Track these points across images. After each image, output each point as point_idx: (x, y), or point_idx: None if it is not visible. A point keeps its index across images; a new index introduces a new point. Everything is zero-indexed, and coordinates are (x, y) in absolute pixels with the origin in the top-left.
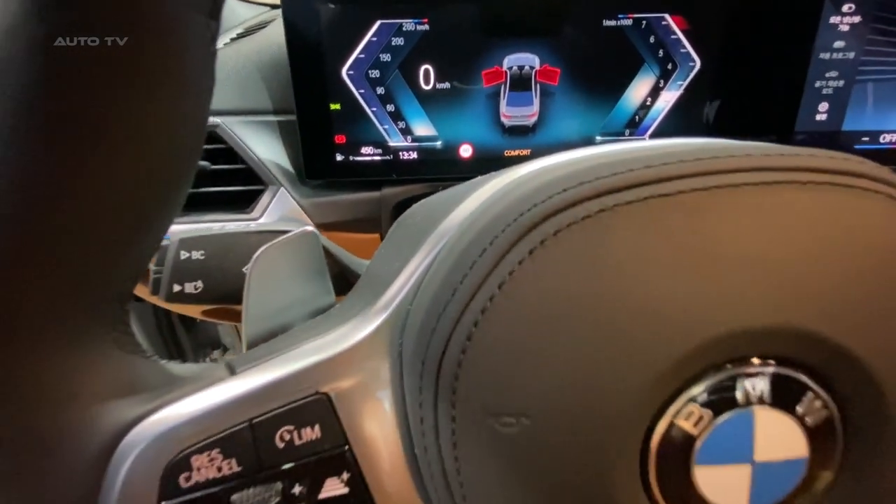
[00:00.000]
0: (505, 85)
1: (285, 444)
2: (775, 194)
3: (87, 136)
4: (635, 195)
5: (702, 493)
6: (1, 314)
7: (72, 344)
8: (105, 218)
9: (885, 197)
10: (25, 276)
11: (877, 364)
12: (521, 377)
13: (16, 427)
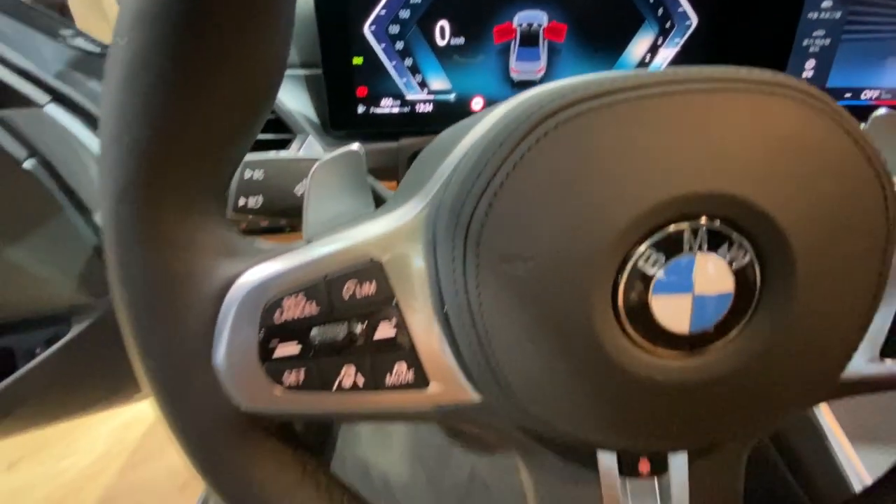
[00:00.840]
0: (515, 41)
1: (350, 295)
2: (716, 96)
3: (216, 66)
4: (611, 100)
5: (655, 317)
6: (156, 189)
7: (199, 213)
8: (223, 126)
9: (799, 100)
10: (172, 165)
11: (785, 222)
12: (527, 232)
13: (160, 269)
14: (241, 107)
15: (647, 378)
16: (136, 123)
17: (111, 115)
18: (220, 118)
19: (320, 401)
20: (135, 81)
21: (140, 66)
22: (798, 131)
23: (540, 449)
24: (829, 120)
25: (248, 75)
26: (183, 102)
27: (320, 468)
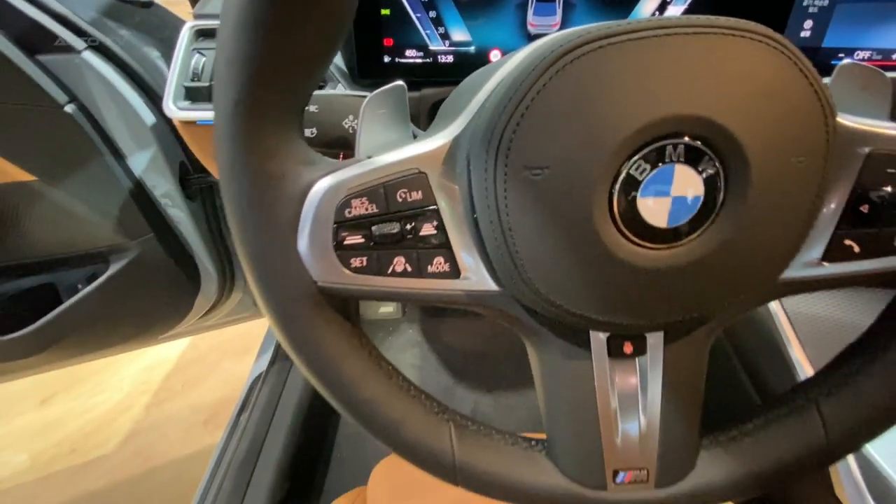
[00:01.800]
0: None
1: (402, 200)
2: (696, 38)
3: (306, 12)
4: (615, 41)
5: (642, 215)
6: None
7: (287, 129)
8: (308, 58)
9: (763, 43)
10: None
11: (745, 140)
12: (546, 145)
13: (260, 171)
14: (322, 43)
15: (634, 264)
16: (245, 55)
17: (226, 46)
18: (307, 52)
19: (377, 282)
20: (246, 24)
21: (250, 11)
22: (760, 67)
23: (545, 332)
24: (785, 59)
25: (327, 19)
26: (282, 40)
27: (370, 343)
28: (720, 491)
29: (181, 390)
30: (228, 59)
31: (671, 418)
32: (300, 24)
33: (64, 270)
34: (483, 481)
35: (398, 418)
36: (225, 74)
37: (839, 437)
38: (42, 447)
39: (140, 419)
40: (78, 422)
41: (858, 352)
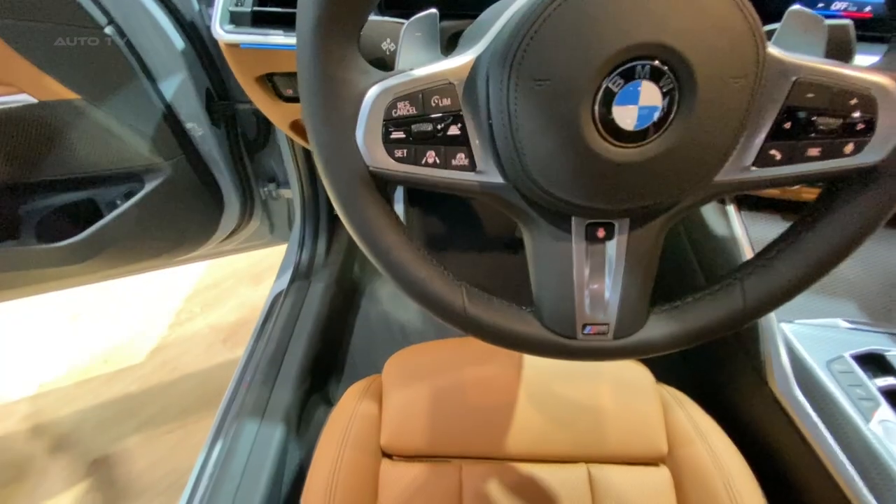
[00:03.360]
0: None
1: (435, 105)
2: None
3: None
4: None
5: (615, 120)
6: (332, 25)
7: (350, 45)
8: None
9: None
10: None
11: (695, 63)
12: (547, 62)
13: (330, 75)
14: None
15: (609, 159)
16: None
17: None
18: None
19: (413, 170)
20: None
21: None
22: (711, 8)
23: (538, 218)
24: (731, 2)
25: None
26: None
27: (403, 223)
28: (661, 344)
29: (200, 312)
30: None
31: (628, 289)
32: None
33: (104, 187)
34: (486, 331)
35: (424, 277)
36: (305, 2)
37: (753, 304)
38: (76, 357)
39: (164, 336)
40: (106, 336)
41: (779, 242)
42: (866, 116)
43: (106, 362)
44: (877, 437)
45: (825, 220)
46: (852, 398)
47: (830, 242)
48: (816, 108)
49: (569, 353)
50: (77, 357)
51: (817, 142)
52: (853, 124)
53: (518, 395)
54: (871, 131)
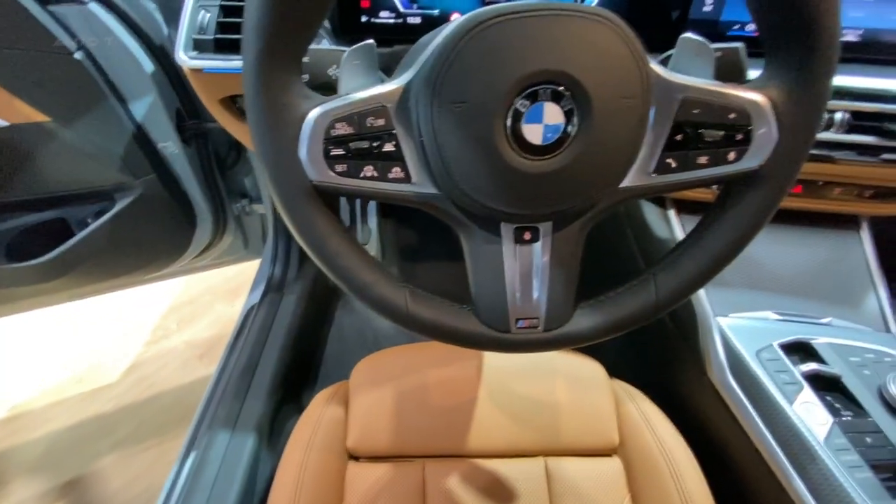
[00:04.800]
0: None
1: (370, 125)
2: (561, 17)
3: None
4: (509, 17)
5: (525, 136)
6: (274, 56)
7: (290, 73)
8: (305, 19)
9: (603, 21)
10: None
11: (590, 88)
12: (463, 87)
13: (274, 101)
14: (314, 14)
15: (524, 171)
16: (264, 24)
17: (250, 16)
18: (304, 20)
19: (354, 183)
20: (263, 3)
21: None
22: (599, 38)
23: (471, 224)
24: (615, 32)
25: None
26: (286, 13)
27: (349, 231)
28: (586, 334)
29: (176, 328)
30: (252, 26)
31: (555, 285)
32: (299, 5)
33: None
34: (428, 328)
35: (369, 281)
36: (251, 36)
37: (664, 297)
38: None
39: (140, 353)
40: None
41: (685, 241)
42: (744, 128)
43: (80, 381)
44: (798, 417)
45: (721, 220)
46: (778, 383)
47: (726, 239)
48: (702, 123)
49: (504, 345)
50: (50, 377)
51: (705, 151)
52: (733, 135)
53: (479, 394)
54: (749, 141)
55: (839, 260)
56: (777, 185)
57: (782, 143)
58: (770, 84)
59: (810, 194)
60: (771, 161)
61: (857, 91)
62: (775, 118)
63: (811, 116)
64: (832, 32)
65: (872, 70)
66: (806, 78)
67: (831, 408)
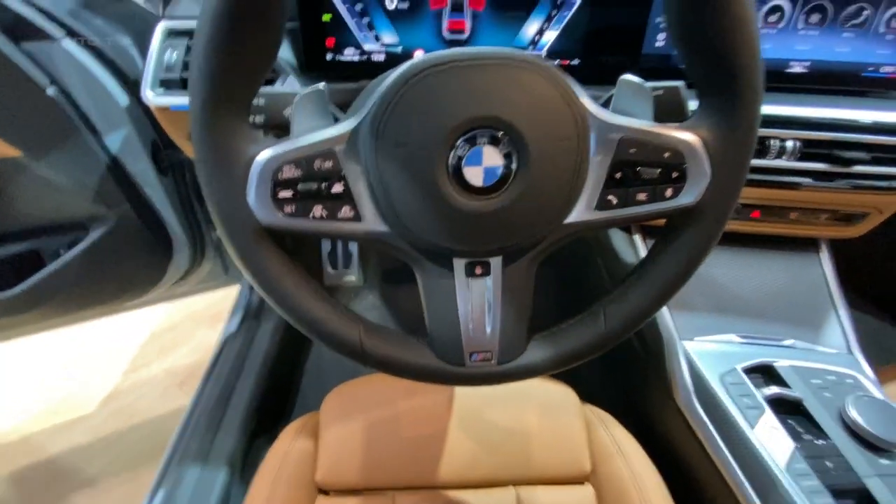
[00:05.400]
0: (447, 7)
1: (318, 167)
2: (497, 66)
3: (251, 41)
4: (448, 66)
5: (467, 178)
6: (220, 102)
7: (238, 117)
8: (252, 68)
9: (536, 69)
10: (228, 87)
11: (524, 132)
12: (405, 130)
13: (221, 145)
14: (258, 64)
15: (467, 210)
16: (209, 72)
17: (197, 65)
18: (248, 70)
19: (304, 223)
20: (208, 54)
21: (210, 49)
22: (533, 85)
23: (424, 260)
24: (546, 79)
25: (260, 52)
26: (234, 58)
27: (301, 268)
28: (540, 367)
29: (156, 356)
30: (198, 74)
31: (507, 318)
32: (243, 55)
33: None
34: (382, 361)
35: (320, 317)
36: (196, 84)
37: (613, 329)
38: (22, 409)
39: (118, 383)
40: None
41: (633, 272)
42: (678, 166)
43: (55, 413)
44: (761, 442)
45: (664, 253)
46: (741, 407)
47: (670, 271)
48: (639, 161)
49: (458, 379)
50: (23, 408)
51: (643, 188)
52: (669, 173)
53: (450, 423)
54: (684, 178)
55: (800, 282)
56: (714, 219)
57: (715, 180)
58: (701, 125)
59: (769, 218)
60: (706, 197)
61: (807, 120)
62: (707, 156)
63: (741, 154)
64: (754, 83)
65: (821, 100)
66: (733, 120)
67: (793, 432)
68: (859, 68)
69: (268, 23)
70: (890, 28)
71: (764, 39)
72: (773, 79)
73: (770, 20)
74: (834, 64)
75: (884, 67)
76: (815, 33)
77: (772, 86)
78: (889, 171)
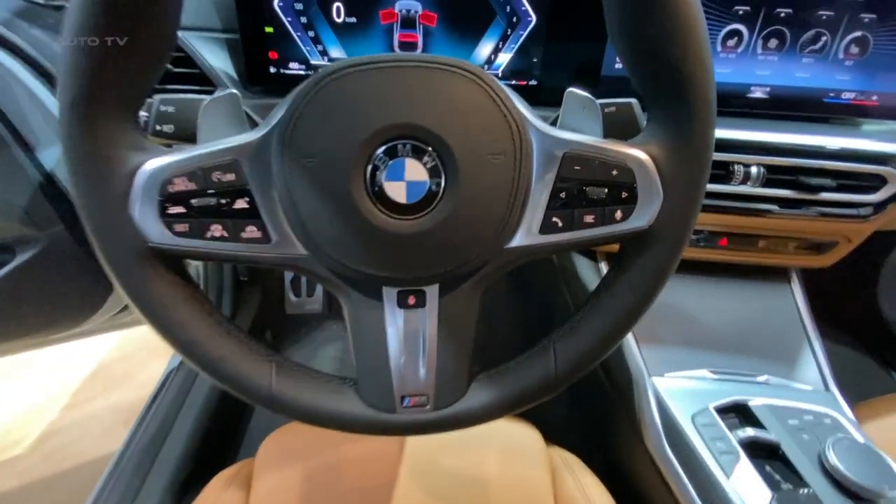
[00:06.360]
0: (397, 23)
1: (217, 180)
2: (420, 70)
3: (130, 38)
4: (363, 68)
5: (388, 194)
6: (94, 103)
7: (118, 123)
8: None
9: (466, 76)
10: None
11: (452, 144)
12: (314, 140)
13: (96, 154)
14: (144, 59)
15: (389, 231)
16: (77, 70)
17: (63, 60)
18: (134, 62)
19: (200, 244)
20: (77, 49)
21: (78, 24)
22: (462, 92)
23: (348, 288)
24: (481, 88)
25: (148, 37)
26: (110, 56)
27: (204, 297)
28: (482, 413)
29: (102, 391)
30: (66, 67)
31: (445, 356)
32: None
33: None
34: (296, 409)
35: (220, 355)
36: (64, 79)
37: (563, 368)
38: None
39: (57, 419)
40: None
41: (585, 304)
42: (628, 186)
43: None
44: (736, 493)
45: (618, 283)
46: (715, 453)
47: (624, 303)
48: (585, 180)
49: (387, 428)
50: None
51: (591, 210)
52: (618, 193)
53: (399, 472)
54: (634, 199)
55: (773, 313)
56: (670, 245)
57: (668, 201)
58: (650, 140)
59: (737, 247)
60: (660, 220)
61: (771, 146)
62: (658, 175)
63: (694, 173)
64: (705, 88)
65: (784, 126)
66: (684, 134)
67: (770, 480)
68: (820, 94)
69: (148, 15)
70: (848, 54)
71: (724, 64)
72: (734, 104)
73: (728, 44)
74: (795, 90)
75: (844, 93)
76: (775, 58)
77: (734, 111)
78: (855, 198)
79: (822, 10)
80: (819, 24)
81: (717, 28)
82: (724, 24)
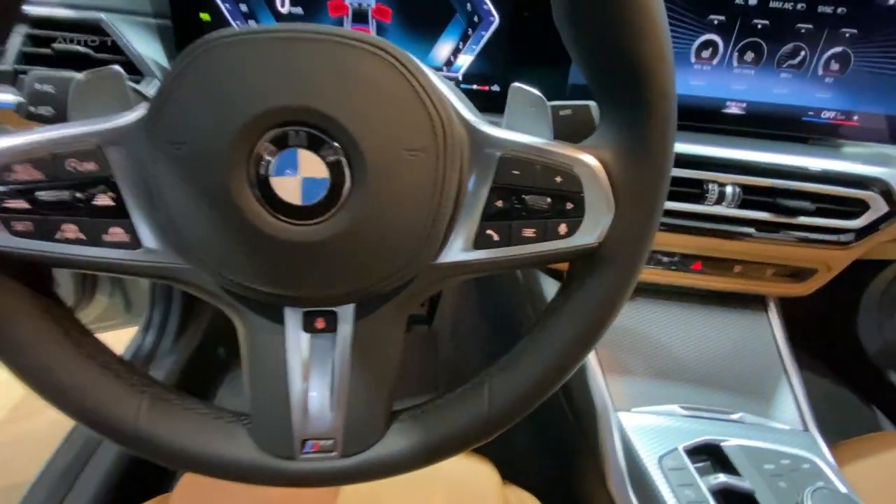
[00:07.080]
0: (348, 17)
1: (73, 169)
2: (319, 44)
3: None
4: (247, 38)
5: (276, 192)
6: None
7: None
8: None
9: (376, 53)
10: None
11: (357, 133)
12: (184, 122)
13: None
14: None
15: (280, 238)
16: None
17: None
18: None
19: (45, 247)
20: None
21: None
22: (372, 73)
23: (241, 307)
24: (397, 71)
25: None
26: None
27: (65, 311)
28: (399, 461)
29: (43, 406)
30: None
31: (358, 391)
32: None
33: None
34: (168, 452)
35: (73, 384)
36: None
37: (498, 409)
38: None
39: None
40: None
41: (529, 334)
42: (574, 195)
43: None
44: None
45: (563, 310)
46: (682, 502)
47: (571, 333)
48: (524, 187)
49: (283, 479)
50: None
51: (531, 222)
52: (562, 204)
53: None
54: (581, 211)
55: (749, 345)
56: (623, 267)
57: (621, 215)
58: (601, 143)
59: (712, 271)
60: (611, 236)
61: (747, 164)
62: (610, 184)
63: (651, 182)
64: (663, 80)
65: (762, 144)
66: (639, 136)
67: None
68: (799, 112)
69: None
70: (828, 71)
71: (698, 76)
72: (709, 119)
73: (703, 55)
74: (772, 106)
75: (824, 112)
76: (751, 72)
77: (708, 126)
78: (835, 223)
79: (801, 23)
80: (798, 38)
81: (690, 38)
82: (698, 34)
